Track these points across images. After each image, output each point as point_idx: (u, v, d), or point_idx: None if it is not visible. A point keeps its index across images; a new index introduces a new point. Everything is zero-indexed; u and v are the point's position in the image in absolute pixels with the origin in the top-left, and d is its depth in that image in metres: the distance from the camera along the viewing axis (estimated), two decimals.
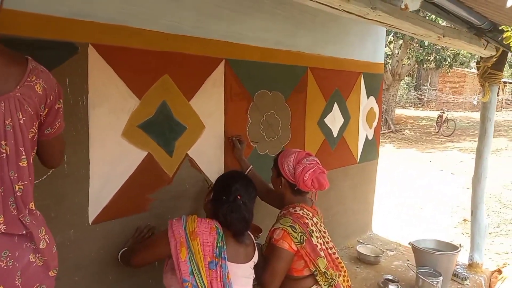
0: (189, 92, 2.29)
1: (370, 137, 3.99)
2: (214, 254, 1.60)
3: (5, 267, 1.13)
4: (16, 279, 1.16)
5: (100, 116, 1.92)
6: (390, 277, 3.02)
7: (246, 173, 2.46)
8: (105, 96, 1.93)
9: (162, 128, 2.19)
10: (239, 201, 1.74)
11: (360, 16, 1.74)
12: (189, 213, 1.85)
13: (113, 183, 2.04)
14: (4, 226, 1.14)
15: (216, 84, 2.44)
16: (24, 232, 1.19)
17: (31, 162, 1.24)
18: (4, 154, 1.16)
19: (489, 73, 3.15)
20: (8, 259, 1.14)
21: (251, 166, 2.51)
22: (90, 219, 1.97)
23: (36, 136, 1.27)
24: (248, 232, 1.84)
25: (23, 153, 1.19)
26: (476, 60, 3.31)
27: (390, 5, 1.77)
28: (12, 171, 1.17)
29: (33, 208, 1.28)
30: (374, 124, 4.04)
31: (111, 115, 1.96)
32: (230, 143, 2.57)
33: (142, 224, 2.15)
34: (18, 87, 1.16)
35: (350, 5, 1.59)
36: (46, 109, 1.27)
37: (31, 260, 1.21)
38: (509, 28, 1.69)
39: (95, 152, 1.93)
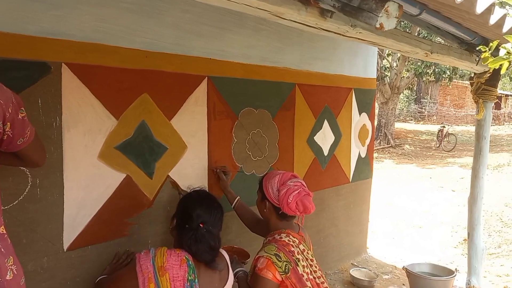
0: (170, 111, 2.30)
1: (363, 155, 4.02)
2: None
3: None
4: None
5: (74, 137, 1.93)
6: None
7: (233, 205, 2.44)
8: (80, 116, 1.94)
9: (142, 149, 2.20)
10: (202, 229, 1.69)
11: (340, 34, 1.76)
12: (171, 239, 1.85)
13: (89, 207, 2.03)
14: None
15: (199, 103, 2.46)
16: None
17: None
18: None
19: (483, 89, 3.19)
20: None
21: (238, 197, 2.49)
22: (65, 246, 1.96)
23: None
24: (221, 251, 1.82)
25: None
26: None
27: None
28: None
29: (4, 232, 1.25)
30: (367, 141, 4.06)
31: (86, 137, 1.97)
32: (215, 175, 2.57)
33: (120, 250, 2.13)
34: None
35: (328, 23, 1.61)
36: (8, 123, 1.24)
37: None
38: (487, 49, 1.72)
39: (70, 176, 1.93)
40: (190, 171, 2.46)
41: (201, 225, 1.69)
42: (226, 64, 2.59)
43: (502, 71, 1.92)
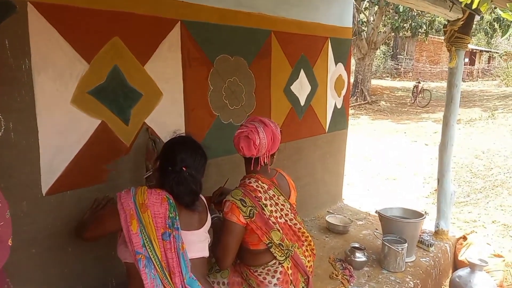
0: (142, 56, 2.28)
1: (339, 106, 4.08)
2: (167, 225, 1.63)
3: None
4: None
5: (46, 81, 1.91)
6: (357, 245, 3.17)
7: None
8: (50, 60, 1.91)
9: (116, 95, 2.19)
10: (185, 173, 1.72)
11: None
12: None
13: (66, 153, 2.05)
14: None
15: (172, 48, 2.43)
16: None
17: None
18: None
19: (456, 37, 3.25)
20: None
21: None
22: (44, 190, 1.99)
23: None
24: (200, 196, 1.87)
25: None
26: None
27: None
28: None
29: None
30: (343, 92, 4.12)
31: (58, 81, 1.95)
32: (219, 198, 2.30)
33: (99, 195, 2.16)
34: None
35: None
36: None
37: None
38: None
39: (44, 121, 1.93)
40: (166, 118, 2.47)
41: (184, 168, 1.72)
42: (199, 8, 2.55)
43: (483, 10, 1.95)
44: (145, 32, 2.27)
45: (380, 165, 7.82)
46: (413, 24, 14.51)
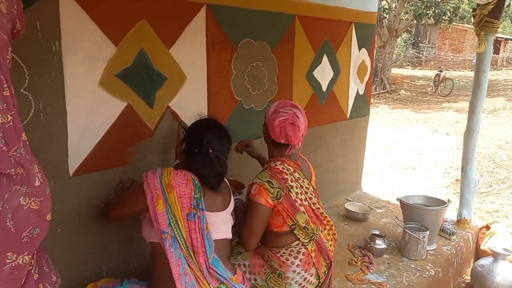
0: (168, 39, 2.29)
1: (361, 92, 4.05)
2: (192, 206, 1.65)
3: None
4: (7, 221, 1.18)
5: (75, 64, 1.93)
6: (377, 232, 3.16)
7: None
8: (79, 42, 1.93)
9: (142, 78, 2.21)
10: (211, 154, 1.74)
11: None
12: None
13: (92, 134, 2.08)
14: None
15: (197, 32, 2.44)
16: (12, 171, 1.18)
17: (13, 91, 1.24)
18: None
19: (485, 21, 3.18)
20: None
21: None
22: (71, 171, 2.02)
23: (11, 62, 1.26)
24: (225, 179, 1.89)
25: (4, 81, 1.18)
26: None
27: None
28: (0, 102, 1.17)
29: (26, 139, 1.27)
30: (366, 78, 4.08)
31: (86, 63, 1.97)
32: (240, 153, 2.47)
33: (124, 177, 2.20)
34: None
35: None
36: (17, 20, 1.24)
37: (22, 203, 1.21)
38: None
39: (72, 102, 1.96)
40: (190, 102, 2.49)
41: (210, 150, 1.74)
42: None
43: None
44: (171, 15, 2.28)
45: (399, 155, 7.75)
46: (436, 11, 14.20)
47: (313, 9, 3.21)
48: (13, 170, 1.18)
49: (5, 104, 1.17)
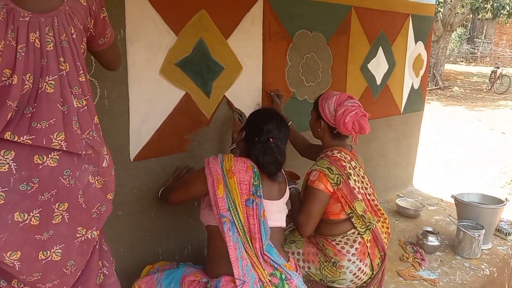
0: (226, 29, 2.28)
1: (416, 86, 3.89)
2: (251, 192, 1.66)
3: (67, 185, 1.20)
4: (79, 197, 1.23)
5: (137, 51, 1.96)
6: (429, 229, 3.03)
7: None
8: (142, 31, 1.96)
9: (200, 67, 2.22)
10: (271, 143, 1.75)
11: None
12: None
13: (152, 121, 2.11)
14: (65, 144, 1.18)
15: (255, 22, 2.41)
16: (83, 152, 1.23)
17: (88, 77, 1.29)
18: (64, 71, 1.19)
19: None
20: (70, 178, 1.21)
21: (291, 122, 2.47)
22: (131, 156, 2.07)
23: (86, 52, 1.31)
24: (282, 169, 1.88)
25: (80, 68, 1.23)
26: None
27: None
28: (76, 87, 1.21)
29: (97, 122, 1.33)
30: (421, 72, 3.91)
31: (148, 51, 2.00)
32: (268, 97, 2.58)
33: (181, 164, 2.24)
34: (65, 0, 1.20)
35: None
36: (92, 20, 1.30)
37: (90, 181, 1.27)
38: None
39: (134, 89, 2.00)
40: (245, 92, 2.48)
41: (270, 139, 1.75)
42: None
43: None
44: (230, 5, 2.27)
45: (451, 152, 7.42)
46: (495, 4, 13.40)
47: (369, 0, 3.10)
48: (83, 152, 1.22)
49: (80, 90, 1.21)
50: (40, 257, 1.19)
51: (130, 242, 2.15)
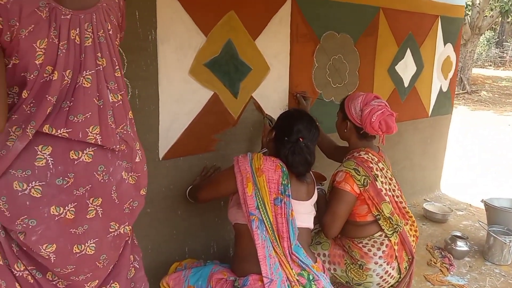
0: (254, 30, 2.29)
1: (444, 89, 3.80)
2: (279, 191, 1.64)
3: (101, 181, 1.22)
4: (112, 192, 1.25)
5: (168, 52, 1.99)
6: (458, 233, 2.96)
7: None
8: (172, 31, 1.98)
9: (228, 68, 2.22)
10: (301, 143, 1.73)
11: None
12: None
13: (181, 121, 2.13)
14: (100, 137, 1.19)
15: (282, 23, 2.41)
16: (117, 147, 1.24)
17: (123, 73, 1.30)
18: (101, 67, 1.21)
19: None
20: (103, 173, 1.22)
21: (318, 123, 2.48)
22: (161, 155, 2.09)
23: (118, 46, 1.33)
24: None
25: (116, 63, 1.25)
26: None
27: None
28: (112, 82, 1.23)
29: (132, 117, 1.35)
30: (450, 74, 3.82)
31: (178, 52, 2.02)
32: (295, 99, 2.56)
33: (208, 164, 2.25)
34: None
35: None
36: (121, 16, 1.32)
37: (123, 177, 1.28)
38: None
39: (164, 89, 2.02)
40: (272, 93, 2.47)
41: (300, 139, 1.74)
42: None
43: None
44: (258, 6, 2.27)
45: (479, 157, 7.21)
46: None
47: (398, 1, 3.06)
48: (117, 146, 1.23)
49: (116, 85, 1.23)
50: (75, 250, 1.21)
51: (159, 239, 2.17)
